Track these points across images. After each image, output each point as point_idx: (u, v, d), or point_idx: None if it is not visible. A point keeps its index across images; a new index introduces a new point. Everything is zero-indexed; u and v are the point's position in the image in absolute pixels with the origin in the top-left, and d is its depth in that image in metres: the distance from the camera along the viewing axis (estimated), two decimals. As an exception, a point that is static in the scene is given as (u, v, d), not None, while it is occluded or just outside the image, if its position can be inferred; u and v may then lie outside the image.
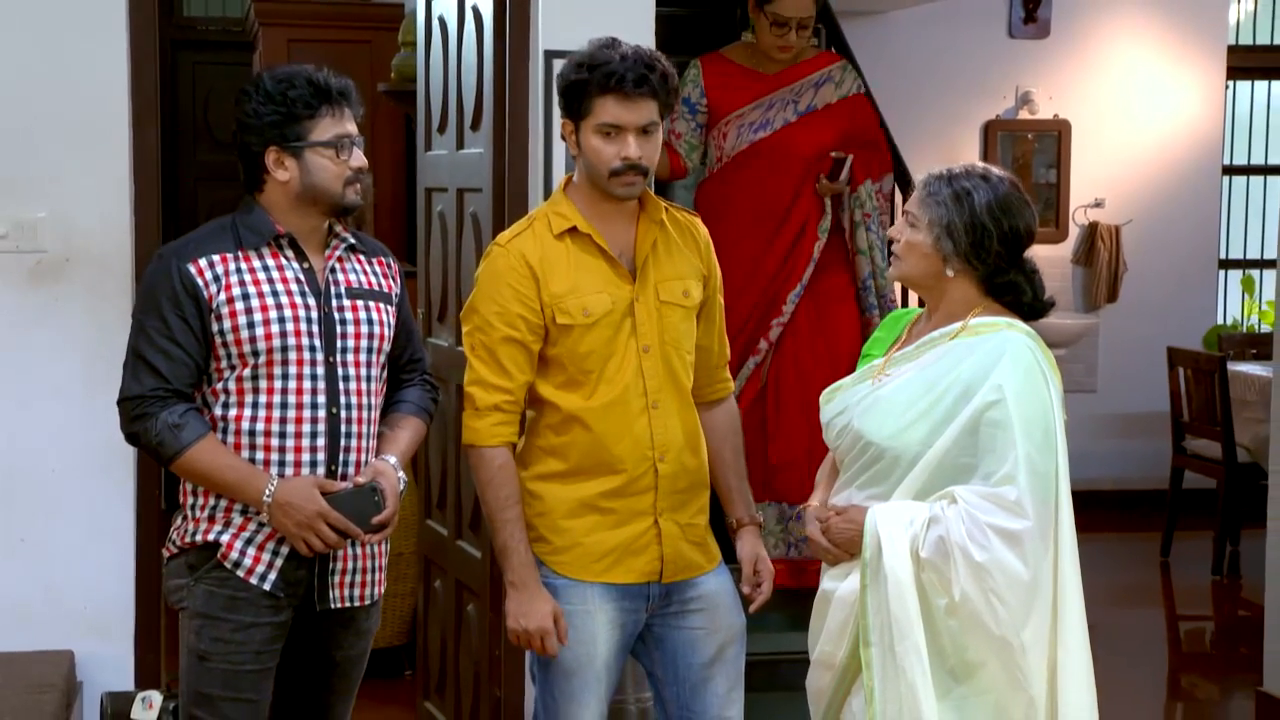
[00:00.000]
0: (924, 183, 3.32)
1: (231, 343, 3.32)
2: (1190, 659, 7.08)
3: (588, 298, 3.46)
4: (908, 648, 3.14)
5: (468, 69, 5.00)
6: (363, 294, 3.48)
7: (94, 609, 4.50)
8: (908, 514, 3.19)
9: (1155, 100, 9.10)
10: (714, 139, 5.41)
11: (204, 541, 3.37)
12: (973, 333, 3.26)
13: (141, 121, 4.51)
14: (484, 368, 3.48)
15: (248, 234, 3.39)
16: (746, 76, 5.40)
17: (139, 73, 4.50)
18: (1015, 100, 8.97)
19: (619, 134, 3.40)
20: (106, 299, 4.48)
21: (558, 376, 3.50)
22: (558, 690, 3.52)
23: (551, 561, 3.51)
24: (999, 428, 3.15)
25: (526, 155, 4.72)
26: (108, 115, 4.46)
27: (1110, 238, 9.03)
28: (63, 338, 4.46)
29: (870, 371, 3.39)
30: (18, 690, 4.16)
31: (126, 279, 4.49)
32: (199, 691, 3.39)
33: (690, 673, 3.57)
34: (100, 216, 4.47)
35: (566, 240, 3.50)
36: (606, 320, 3.47)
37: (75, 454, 4.49)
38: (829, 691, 3.34)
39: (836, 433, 3.37)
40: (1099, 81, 9.03)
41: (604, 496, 3.49)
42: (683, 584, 3.56)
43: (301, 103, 3.35)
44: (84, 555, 4.49)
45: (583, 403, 3.48)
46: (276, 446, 3.35)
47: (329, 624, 3.47)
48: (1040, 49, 8.96)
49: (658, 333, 3.52)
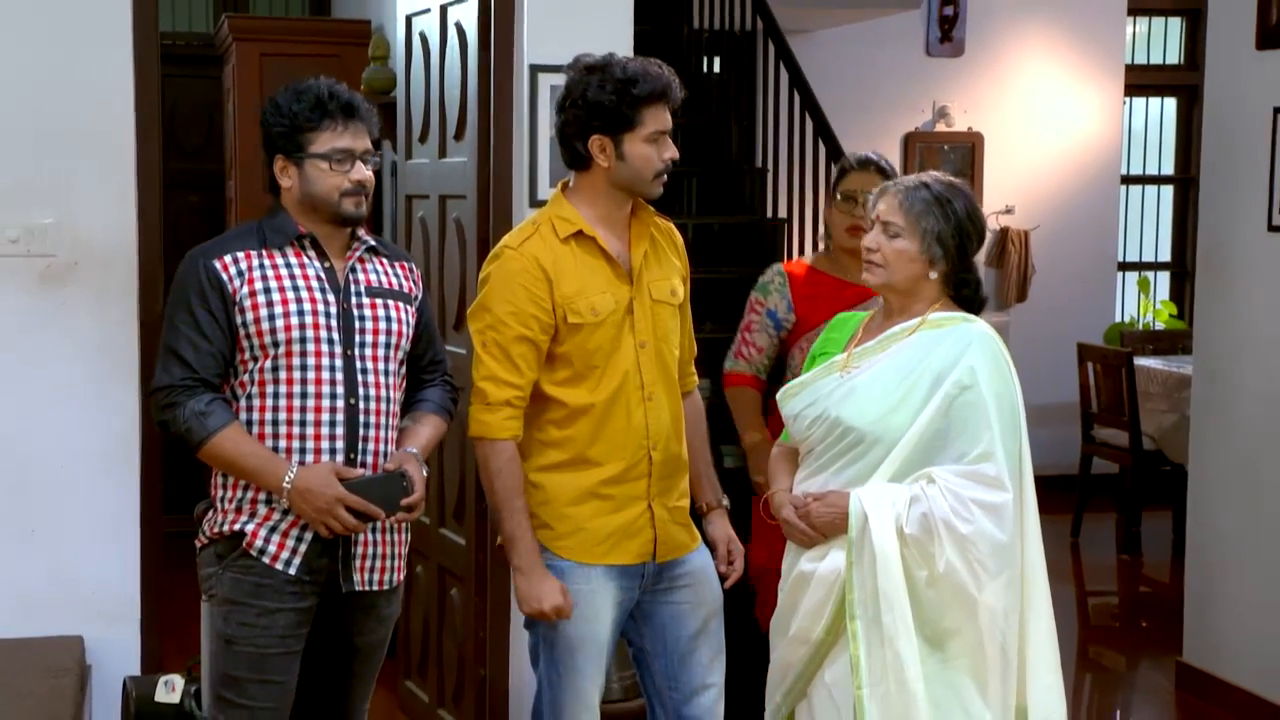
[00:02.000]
0: (897, 193, 3.34)
1: (254, 334, 3.31)
2: (1100, 632, 7.15)
3: (595, 298, 3.46)
4: (895, 618, 3.18)
5: (451, 82, 4.95)
6: (383, 293, 3.45)
7: (102, 596, 4.44)
8: (890, 495, 3.22)
9: (1060, 115, 9.19)
10: (802, 351, 4.23)
11: (231, 531, 3.35)
12: (935, 325, 3.32)
13: (145, 131, 4.45)
14: (497, 364, 3.45)
15: (272, 234, 3.39)
16: (836, 286, 4.37)
17: (143, 85, 4.44)
18: (932, 114, 9.03)
19: (663, 139, 3.44)
20: (112, 301, 4.42)
21: (563, 372, 3.49)
22: (563, 666, 3.51)
23: (556, 547, 3.51)
24: (972, 409, 3.22)
25: (510, 164, 4.68)
26: (113, 126, 4.39)
27: (1020, 242, 9.11)
28: (71, 338, 4.39)
29: (833, 367, 3.40)
30: (34, 675, 4.09)
31: (132, 281, 4.44)
32: (226, 674, 3.37)
33: (678, 645, 3.59)
34: (106, 222, 4.40)
35: (572, 244, 3.49)
36: (611, 319, 3.48)
37: (83, 449, 4.42)
38: (800, 664, 3.36)
39: (808, 423, 3.38)
40: (1009, 97, 9.11)
41: (604, 484, 3.50)
42: (671, 562, 3.58)
43: (304, 116, 3.35)
44: (92, 545, 4.43)
45: (588, 397, 3.48)
46: (298, 435, 3.32)
47: (351, 610, 3.45)
48: (955, 67, 9.02)
49: (652, 329, 3.54)
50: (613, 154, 3.44)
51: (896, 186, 3.36)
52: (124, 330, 4.42)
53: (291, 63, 6.72)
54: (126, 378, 4.42)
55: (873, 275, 3.38)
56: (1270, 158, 5.31)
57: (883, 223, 3.34)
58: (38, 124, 4.32)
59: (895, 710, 3.16)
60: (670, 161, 3.49)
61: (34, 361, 4.36)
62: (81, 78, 4.34)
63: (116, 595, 4.45)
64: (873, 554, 3.20)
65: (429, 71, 5.16)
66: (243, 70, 6.78)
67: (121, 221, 4.41)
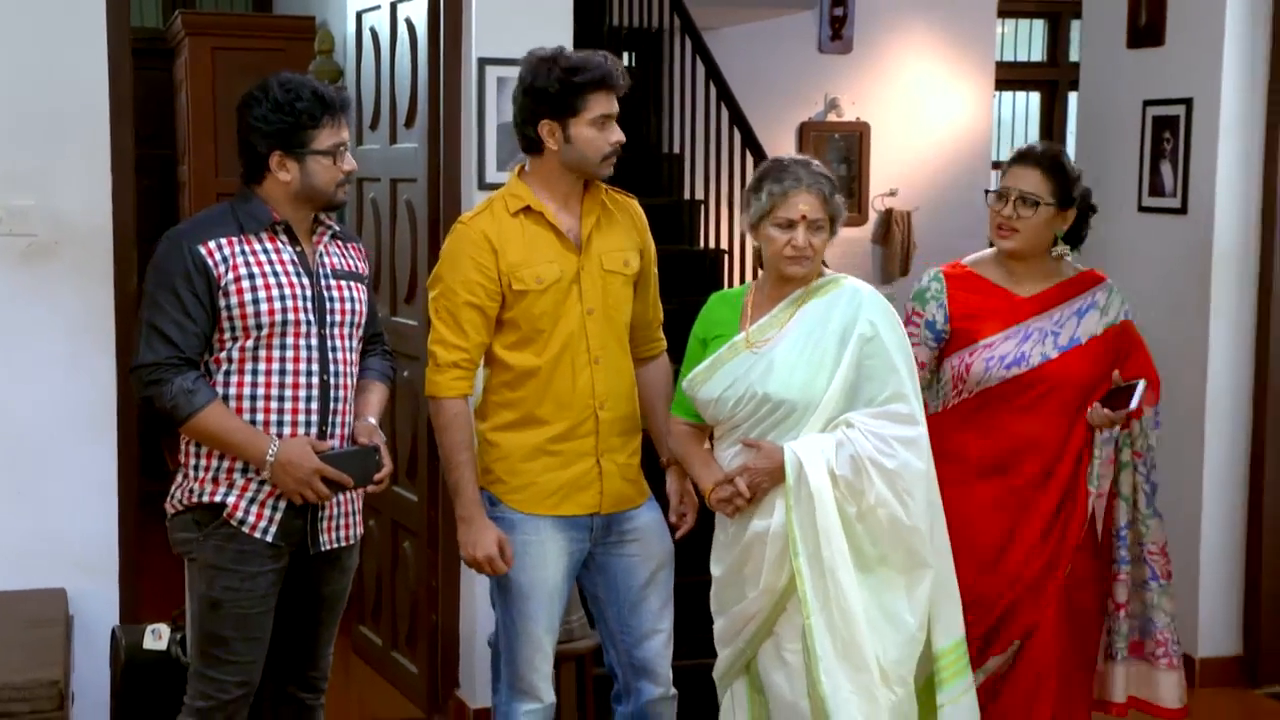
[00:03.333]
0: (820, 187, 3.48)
1: (237, 317, 3.33)
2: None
3: (540, 267, 3.53)
4: (833, 551, 3.32)
5: (401, 74, 5.06)
6: (345, 275, 3.51)
7: (84, 551, 4.51)
8: (818, 443, 3.35)
9: (938, 106, 9.35)
10: (954, 368, 3.88)
11: (210, 502, 3.38)
12: (823, 290, 3.47)
13: (119, 119, 4.51)
14: (446, 329, 3.54)
15: (248, 220, 3.40)
16: (998, 297, 3.88)
17: (116, 76, 4.50)
18: (824, 105, 9.14)
19: (608, 123, 3.54)
20: (91, 277, 4.49)
21: (511, 336, 3.56)
22: (516, 611, 3.59)
23: (509, 500, 3.59)
24: (879, 357, 3.39)
25: (459, 150, 4.80)
26: (90, 114, 4.46)
27: (903, 221, 9.30)
28: (53, 313, 4.45)
29: (738, 346, 3.48)
30: (21, 625, 4.15)
31: (108, 259, 4.51)
32: (212, 633, 3.42)
33: (629, 594, 3.66)
34: (84, 203, 4.47)
35: (521, 218, 3.56)
36: (556, 287, 3.54)
37: (66, 415, 4.49)
38: (764, 613, 3.43)
39: (733, 403, 3.45)
40: (893, 90, 9.26)
41: (551, 441, 3.56)
42: (620, 517, 3.64)
43: (307, 114, 3.35)
44: (74, 504, 4.50)
45: (534, 360, 3.54)
46: (275, 409, 3.37)
47: (318, 564, 3.52)
48: (844, 62, 9.14)
49: (601, 297, 3.59)
50: (561, 138, 3.51)
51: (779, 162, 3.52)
52: (102, 305, 4.49)
53: (241, 56, 6.82)
54: (105, 349, 4.50)
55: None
56: (1140, 145, 5.53)
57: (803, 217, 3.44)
58: (19, 113, 4.38)
59: (840, 633, 3.31)
60: (616, 145, 3.55)
61: (19, 334, 4.42)
62: (60, 71, 4.40)
63: (97, 550, 4.52)
64: (809, 495, 3.31)
65: (379, 64, 5.26)
66: (195, 63, 6.83)
67: (98, 203, 4.47)
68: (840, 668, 3.31)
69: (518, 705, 3.62)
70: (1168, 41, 5.44)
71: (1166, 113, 5.37)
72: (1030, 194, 3.78)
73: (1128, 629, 3.92)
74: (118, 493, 4.55)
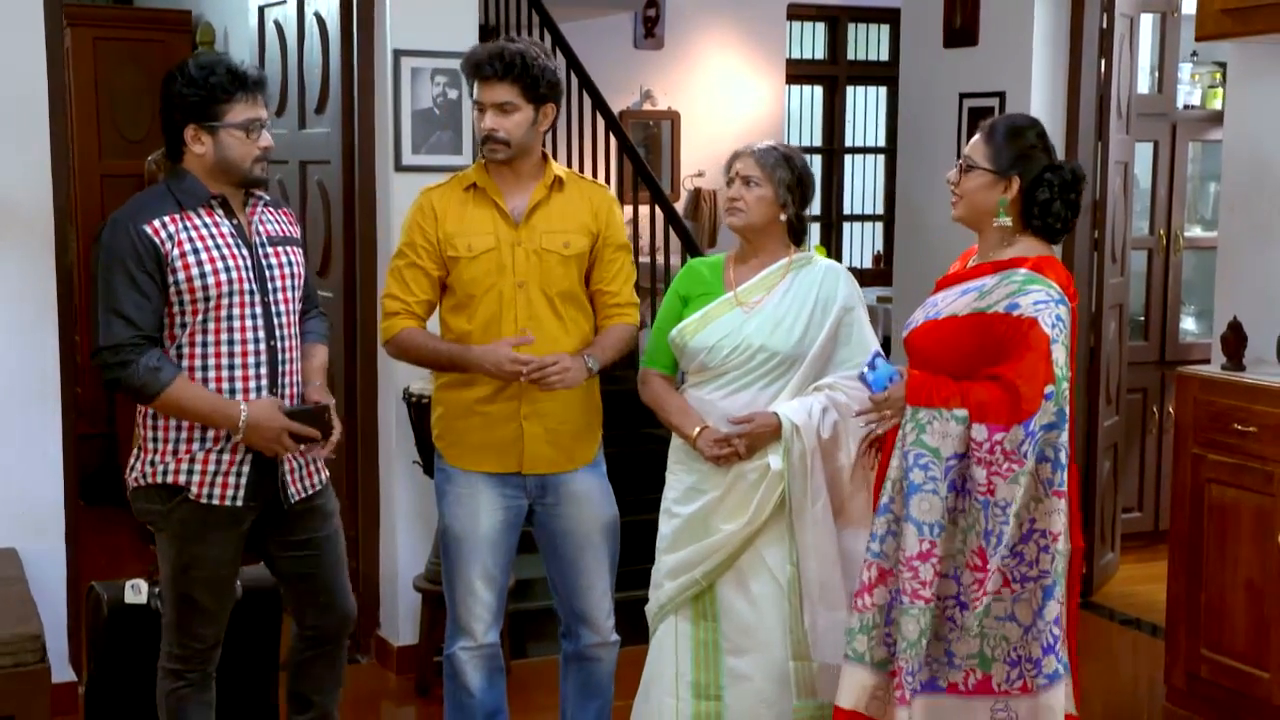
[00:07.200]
0: (753, 154, 3.47)
1: (185, 291, 3.17)
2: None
3: (474, 237, 3.49)
4: (820, 505, 3.39)
5: (311, 64, 4.91)
6: (281, 240, 3.37)
7: (33, 513, 4.32)
8: (805, 407, 3.39)
9: (738, 97, 9.47)
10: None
11: (173, 484, 3.24)
12: (806, 264, 3.53)
13: (56, 109, 4.32)
14: (394, 284, 3.55)
15: (185, 197, 3.22)
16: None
17: (53, 69, 4.30)
18: (640, 96, 9.17)
19: (481, 111, 3.47)
20: (33, 256, 4.29)
21: (450, 300, 3.54)
22: (453, 556, 3.58)
23: (447, 454, 3.57)
24: (857, 327, 3.50)
25: (373, 134, 4.70)
26: (30, 104, 4.26)
27: (710, 199, 9.39)
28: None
29: (727, 304, 3.49)
30: (-14, 584, 3.95)
31: (49, 238, 4.31)
32: (185, 594, 3.31)
33: (566, 551, 3.62)
34: (26, 187, 4.26)
35: (470, 193, 3.53)
36: (487, 256, 3.48)
37: (10, 384, 4.29)
38: (732, 547, 3.43)
39: (727, 352, 3.46)
40: (700, 83, 9.35)
41: (478, 403, 3.52)
42: (555, 480, 3.57)
43: (220, 88, 3.17)
44: (21, 469, 4.30)
45: (466, 324, 3.51)
46: (226, 378, 3.22)
47: (299, 517, 3.40)
48: (657, 57, 9.18)
49: (536, 273, 3.50)
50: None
51: (750, 148, 3.50)
52: (44, 281, 4.30)
53: (122, 46, 6.55)
54: (48, 322, 4.31)
55: (737, 217, 3.49)
56: (956, 133, 5.72)
57: (743, 177, 3.47)
58: (-36, 102, 4.15)
59: (828, 579, 3.39)
60: (483, 133, 3.45)
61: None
62: (2, 63, 4.18)
63: (45, 512, 4.33)
64: (802, 454, 3.35)
65: (285, 55, 5.10)
66: (78, 52, 6.50)
67: (39, 186, 4.27)
68: (820, 609, 3.38)
69: (455, 640, 3.62)
70: (981, 41, 5.61)
71: (981, 105, 5.54)
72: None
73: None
74: (62, 457, 4.35)
